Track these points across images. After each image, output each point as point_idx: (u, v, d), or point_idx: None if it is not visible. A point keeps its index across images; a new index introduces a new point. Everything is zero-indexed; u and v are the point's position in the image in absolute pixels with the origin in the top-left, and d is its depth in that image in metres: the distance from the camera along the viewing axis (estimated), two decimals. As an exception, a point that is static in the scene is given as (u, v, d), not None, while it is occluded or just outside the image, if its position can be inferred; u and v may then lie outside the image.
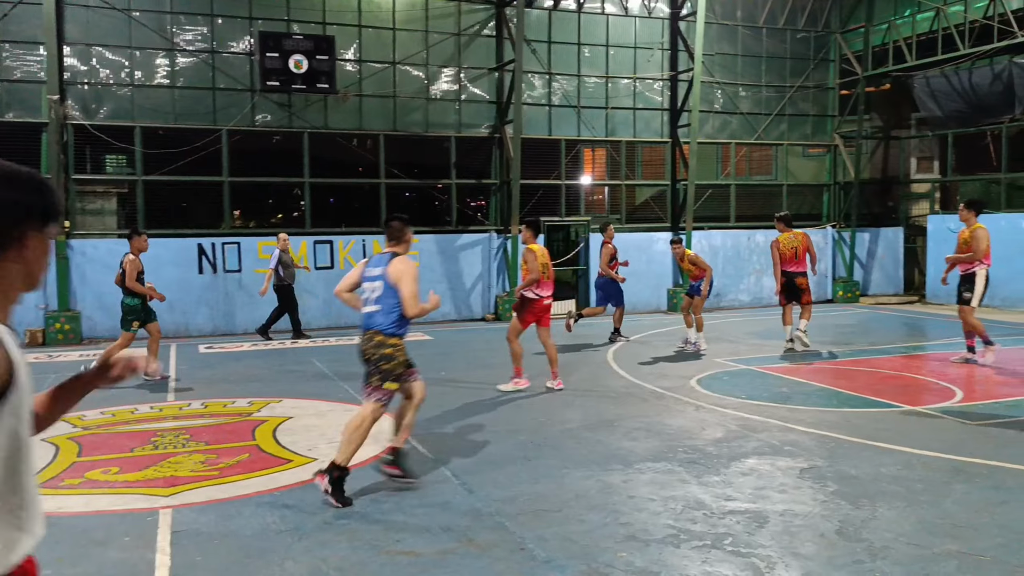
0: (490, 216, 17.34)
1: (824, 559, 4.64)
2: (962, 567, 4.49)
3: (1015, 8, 16.34)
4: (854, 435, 7.23)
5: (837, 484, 5.91)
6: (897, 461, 6.44)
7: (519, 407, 8.66)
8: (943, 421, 7.75)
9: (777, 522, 5.20)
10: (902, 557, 4.63)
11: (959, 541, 4.83)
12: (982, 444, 6.89)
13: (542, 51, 17.24)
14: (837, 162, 20.22)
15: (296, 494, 5.91)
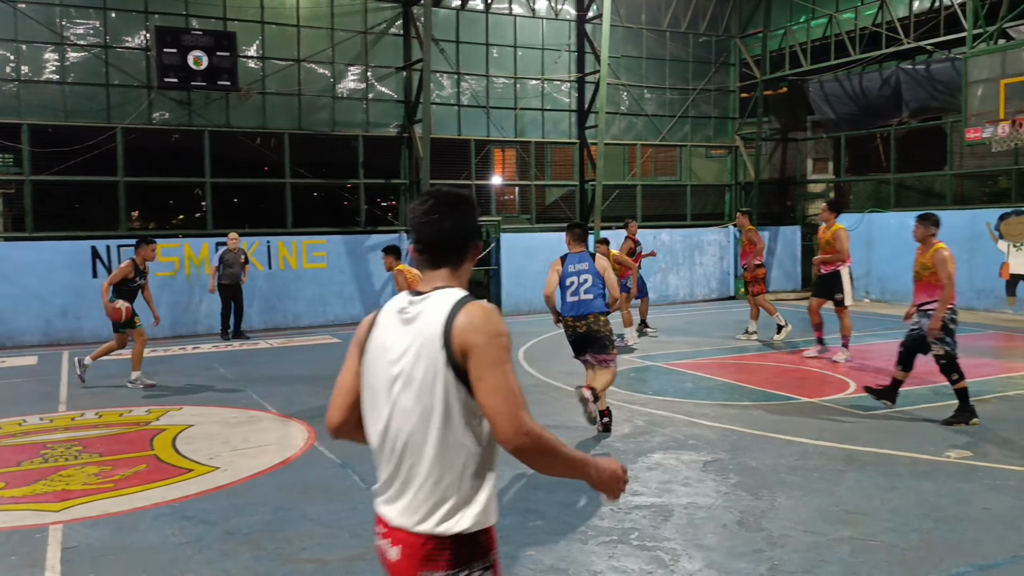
0: (400, 216, 17.19)
1: (725, 549, 4.77)
2: (854, 552, 4.68)
3: (901, 16, 17.18)
4: (754, 428, 7.46)
5: (738, 476, 6.08)
6: (795, 452, 6.68)
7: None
8: (838, 412, 8.07)
9: (681, 515, 5.32)
10: (799, 544, 4.80)
11: (852, 527, 5.04)
12: (874, 434, 7.20)
13: (450, 51, 17.20)
14: (738, 163, 20.85)
15: (197, 504, 5.72)
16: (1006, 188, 16.61)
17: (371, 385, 2.33)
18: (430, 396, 2.17)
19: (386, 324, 2.31)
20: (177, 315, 14.69)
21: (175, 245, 14.79)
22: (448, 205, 2.32)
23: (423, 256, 2.34)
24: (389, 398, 2.26)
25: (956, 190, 17.72)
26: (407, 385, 2.21)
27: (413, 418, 2.20)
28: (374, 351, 2.32)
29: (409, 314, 2.25)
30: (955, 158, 17.31)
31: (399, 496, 2.24)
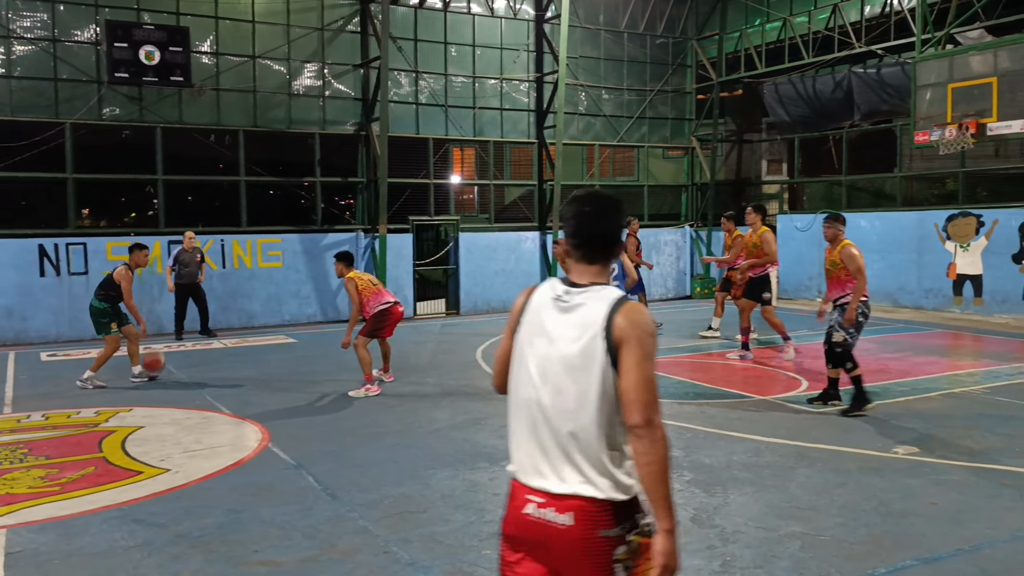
0: (357, 215, 17.06)
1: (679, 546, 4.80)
2: (805, 547, 4.76)
3: (853, 21, 17.51)
4: (708, 425, 7.55)
5: (693, 473, 6.14)
6: (748, 449, 6.77)
7: (386, 409, 8.56)
8: (790, 410, 8.20)
9: (636, 512, 5.35)
10: (751, 540, 4.86)
11: (802, 522, 5.12)
12: (825, 430, 7.33)
13: (408, 49, 17.12)
14: (694, 164, 21.07)
15: (147, 507, 5.61)
16: (953, 190, 17.02)
17: (524, 363, 2.57)
18: (587, 378, 2.43)
19: (541, 309, 2.57)
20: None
21: (126, 243, 14.46)
22: (605, 207, 2.60)
23: (578, 251, 2.59)
24: (546, 377, 2.50)
25: (906, 192, 18.11)
26: (567, 367, 2.47)
27: (571, 397, 2.45)
28: (528, 332, 2.57)
29: (567, 303, 2.52)
30: (905, 160, 17.68)
31: (561, 467, 2.46)
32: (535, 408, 2.52)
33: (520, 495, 2.53)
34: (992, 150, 17.38)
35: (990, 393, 8.81)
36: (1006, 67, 13.07)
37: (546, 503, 2.45)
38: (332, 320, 16.13)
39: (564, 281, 2.58)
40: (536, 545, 2.48)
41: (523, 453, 2.54)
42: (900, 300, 16.84)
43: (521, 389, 2.57)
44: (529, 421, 2.53)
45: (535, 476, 2.50)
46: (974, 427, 7.34)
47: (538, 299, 2.60)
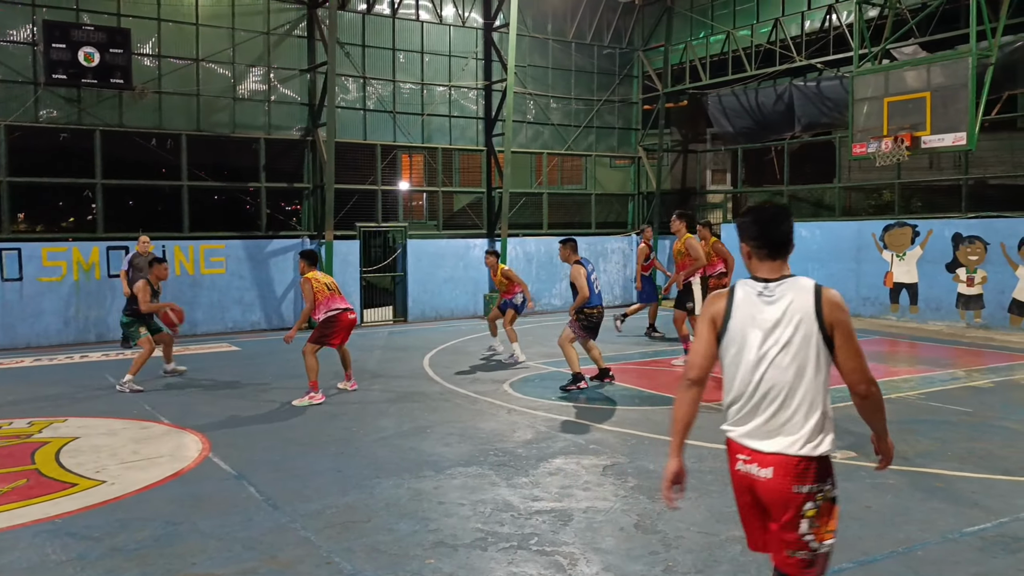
0: (303, 221, 16.87)
1: (623, 552, 4.85)
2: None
3: (794, 35, 17.93)
4: (653, 431, 7.63)
5: (637, 479, 6.20)
6: (691, 455, 6.83)
7: (331, 417, 8.47)
8: (732, 415, 8.32)
9: (581, 519, 5.38)
10: (693, 545, 4.92)
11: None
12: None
13: (356, 54, 17.02)
14: (641, 173, 21.33)
15: (81, 520, 5.46)
16: (890, 201, 17.51)
17: (743, 350, 3.08)
18: (804, 355, 2.96)
19: (749, 303, 3.09)
20: (64, 322, 14.05)
21: (63, 249, 14.14)
22: (785, 214, 3.15)
23: (765, 251, 3.12)
24: (765, 357, 3.02)
25: (844, 202, 18.57)
26: (785, 347, 2.98)
27: (790, 372, 2.97)
28: (740, 326, 3.08)
29: (773, 296, 3.05)
30: (843, 172, 18.13)
31: (773, 430, 2.99)
32: (752, 384, 3.06)
33: (732, 452, 3.16)
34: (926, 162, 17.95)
35: (924, 398, 9.07)
36: (939, 82, 13.49)
37: (751, 459, 3.04)
38: (277, 327, 15.91)
39: (755, 279, 3.13)
40: (745, 491, 3.11)
41: (736, 417, 3.14)
42: (839, 308, 17.23)
43: (738, 370, 3.11)
44: (744, 393, 3.09)
45: (748, 436, 3.08)
46: (909, 432, 7.55)
47: (740, 298, 3.13)
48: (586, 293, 9.41)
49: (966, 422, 7.93)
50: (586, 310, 9.52)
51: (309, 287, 9.22)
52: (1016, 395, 9.21)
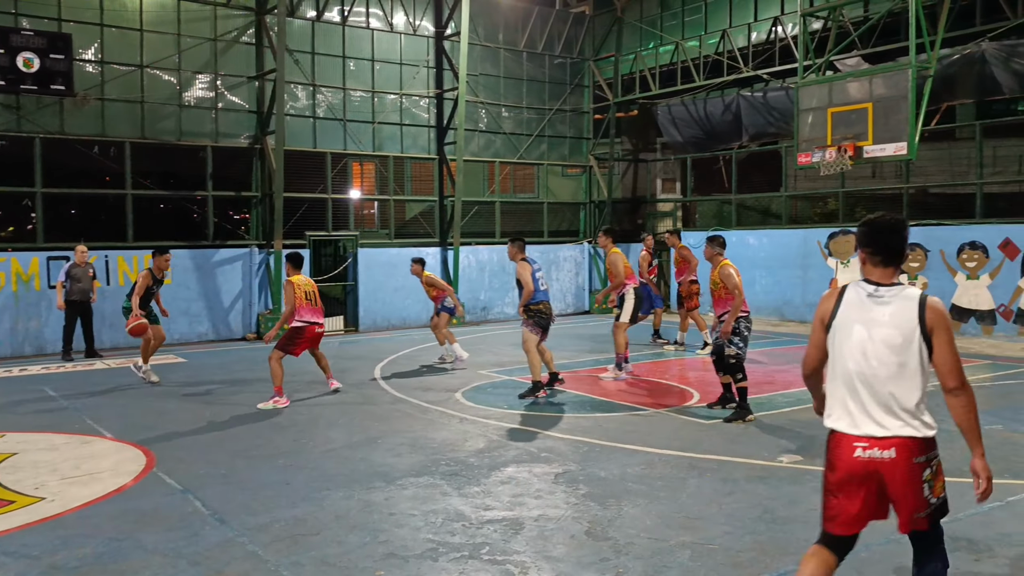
0: (252, 230, 16.64)
1: (574, 560, 4.85)
2: (694, 556, 4.87)
3: (741, 46, 18.26)
4: (604, 439, 7.67)
5: (588, 487, 6.22)
6: (641, 461, 6.90)
7: (280, 429, 8.34)
8: (683, 421, 8.42)
9: (532, 527, 5.38)
10: (643, 551, 4.95)
11: (692, 532, 5.25)
12: (715, 441, 7.55)
13: (305, 62, 16.87)
14: (592, 182, 21.49)
15: (19, 538, 5.28)
16: (835, 209, 17.90)
17: (846, 345, 3.50)
18: (906, 353, 3.40)
19: (859, 303, 3.50)
20: (2, 335, 13.64)
21: (1, 259, 13.73)
22: (901, 226, 3.52)
23: (879, 258, 3.52)
24: (868, 354, 3.44)
25: (791, 211, 18.94)
26: (888, 346, 3.41)
27: (894, 367, 3.41)
28: (847, 322, 3.50)
29: (882, 298, 3.46)
30: (790, 181, 18.50)
31: (882, 418, 3.42)
32: (858, 377, 3.46)
33: (847, 443, 3.46)
34: (869, 171, 18.40)
35: (868, 402, 9.25)
36: (880, 93, 13.85)
37: (870, 445, 3.41)
38: (224, 339, 15.65)
39: (868, 282, 3.54)
40: (866, 477, 3.42)
41: (845, 412, 3.50)
42: (786, 314, 17.56)
43: (846, 363, 3.50)
44: (851, 387, 3.48)
45: (858, 427, 3.45)
46: (853, 435, 7.69)
47: (850, 298, 3.54)
48: (531, 287, 9.50)
49: (908, 425, 8.11)
50: (533, 306, 9.60)
51: (291, 290, 9.43)
52: (955, 398, 9.45)
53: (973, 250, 14.62)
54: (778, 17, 17.61)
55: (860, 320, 3.48)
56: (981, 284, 14.52)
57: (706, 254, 8.78)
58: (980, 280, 14.53)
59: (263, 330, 15.72)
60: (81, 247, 13.30)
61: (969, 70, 15.15)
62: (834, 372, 3.56)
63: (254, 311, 16.10)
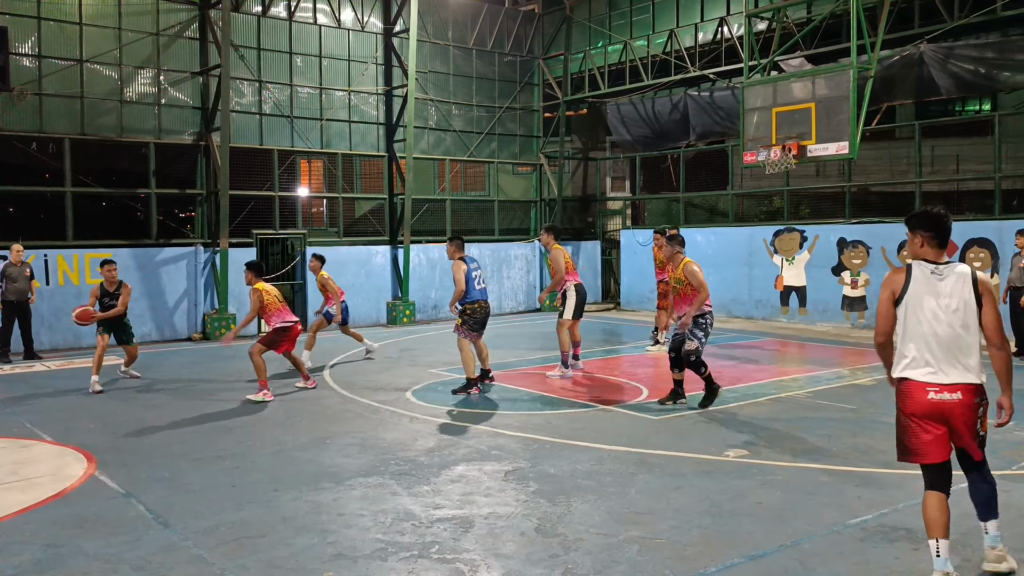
0: (197, 229, 16.33)
1: (523, 557, 4.87)
2: (642, 551, 4.93)
3: (688, 46, 18.49)
4: (554, 435, 7.70)
5: (538, 483, 6.24)
6: (591, 457, 6.95)
7: (226, 431, 8.21)
8: (632, 418, 8.49)
9: (482, 525, 5.38)
10: (592, 547, 4.99)
11: (640, 527, 5.31)
12: (663, 437, 7.64)
13: (251, 57, 16.61)
14: (543, 180, 21.55)
15: (-50, 548, 5.11)
16: (780, 207, 18.24)
17: (918, 312, 4.36)
18: (966, 315, 4.29)
19: (924, 279, 4.36)
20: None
21: (-67, 259, 13.25)
22: (948, 216, 4.43)
23: (936, 241, 4.41)
24: (938, 319, 4.31)
25: (737, 209, 19.24)
26: (951, 311, 4.29)
27: (958, 328, 4.29)
28: (917, 295, 4.36)
29: (942, 275, 4.33)
30: (736, 179, 18.79)
31: (950, 368, 4.30)
32: (931, 337, 4.33)
33: (921, 388, 4.34)
34: (813, 170, 18.79)
35: (812, 397, 9.46)
36: (823, 94, 14.14)
37: (940, 390, 4.30)
38: (169, 339, 15.34)
39: (926, 262, 4.41)
40: (935, 414, 4.31)
41: (919, 363, 4.36)
42: (733, 311, 17.84)
43: (920, 327, 4.36)
44: (924, 345, 4.35)
45: (930, 375, 4.33)
46: (797, 429, 7.86)
47: (917, 275, 4.40)
48: (461, 288, 9.66)
49: (850, 419, 8.31)
50: (468, 306, 9.72)
51: (258, 298, 9.72)
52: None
53: (912, 247, 15.01)
54: (724, 18, 17.86)
55: (928, 292, 4.34)
56: (920, 280, 14.91)
57: (665, 253, 8.99)
58: (919, 276, 14.92)
59: (209, 330, 15.45)
60: (17, 246, 12.90)
61: (908, 72, 15.57)
62: (907, 335, 4.41)
63: (200, 311, 15.80)
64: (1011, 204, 14.93)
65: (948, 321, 4.29)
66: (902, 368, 4.40)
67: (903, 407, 4.40)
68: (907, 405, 4.37)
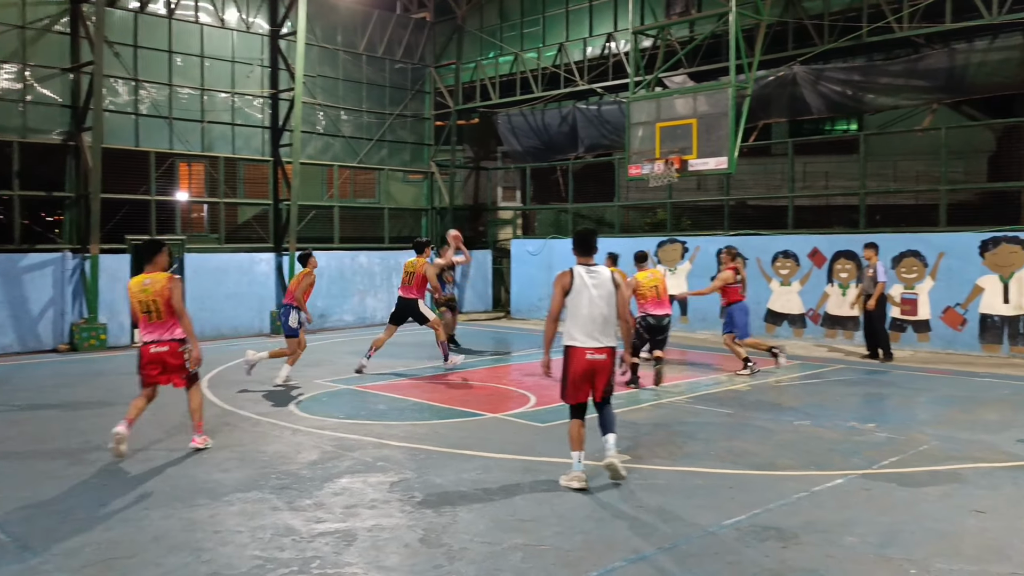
0: (66, 233, 15.44)
1: (407, 568, 4.80)
2: (526, 558, 4.94)
3: (577, 60, 18.84)
4: (441, 445, 7.66)
5: (424, 494, 6.18)
6: (477, 466, 6.94)
7: (94, 448, 7.78)
8: (519, 426, 8.54)
9: (365, 538, 5.28)
10: (476, 556, 4.97)
11: (524, 534, 5.33)
12: (548, 444, 7.70)
13: (127, 55, 15.89)
14: (434, 188, 21.49)
15: None
16: (663, 219, 18.78)
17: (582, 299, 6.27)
18: (609, 301, 6.30)
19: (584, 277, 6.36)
20: None
21: None
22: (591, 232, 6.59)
23: (582, 250, 6.44)
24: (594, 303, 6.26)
25: (623, 220, 19.70)
26: (604, 297, 6.30)
27: (605, 310, 6.27)
28: (579, 288, 6.31)
29: (595, 274, 6.37)
30: (622, 191, 19.24)
31: (600, 337, 6.22)
32: (590, 316, 6.21)
33: (583, 352, 6.23)
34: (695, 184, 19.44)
35: (692, 402, 9.76)
36: (704, 110, 14.68)
37: (595, 352, 6.21)
38: (32, 350, 14.44)
39: (580, 264, 6.36)
40: (589, 370, 6.25)
41: (584, 334, 6.23)
42: (620, 319, 18.23)
43: (582, 309, 6.24)
44: (588, 321, 6.22)
45: (590, 341, 6.22)
46: (677, 434, 8.09)
47: (578, 273, 6.30)
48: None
49: (727, 423, 8.61)
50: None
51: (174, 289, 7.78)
52: (769, 396, 10.14)
53: (786, 258, 15.74)
54: (611, 34, 18.31)
55: (586, 286, 6.29)
56: (792, 290, 15.66)
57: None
58: (792, 286, 15.66)
59: (77, 340, 14.63)
60: None
61: (782, 91, 16.35)
62: (577, 314, 6.28)
63: (67, 320, 14.94)
64: (874, 219, 15.86)
65: (600, 304, 6.20)
66: (569, 339, 6.26)
67: (567, 365, 6.25)
68: (572, 364, 6.23)
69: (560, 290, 6.25)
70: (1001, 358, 13.02)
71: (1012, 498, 6.04)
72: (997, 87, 14.72)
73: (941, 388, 10.63)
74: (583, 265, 6.34)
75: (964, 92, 14.99)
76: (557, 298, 6.29)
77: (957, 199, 15.06)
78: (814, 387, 10.78)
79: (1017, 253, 13.05)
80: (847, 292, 14.88)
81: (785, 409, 9.27)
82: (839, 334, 15.00)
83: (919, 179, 15.91)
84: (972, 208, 14.90)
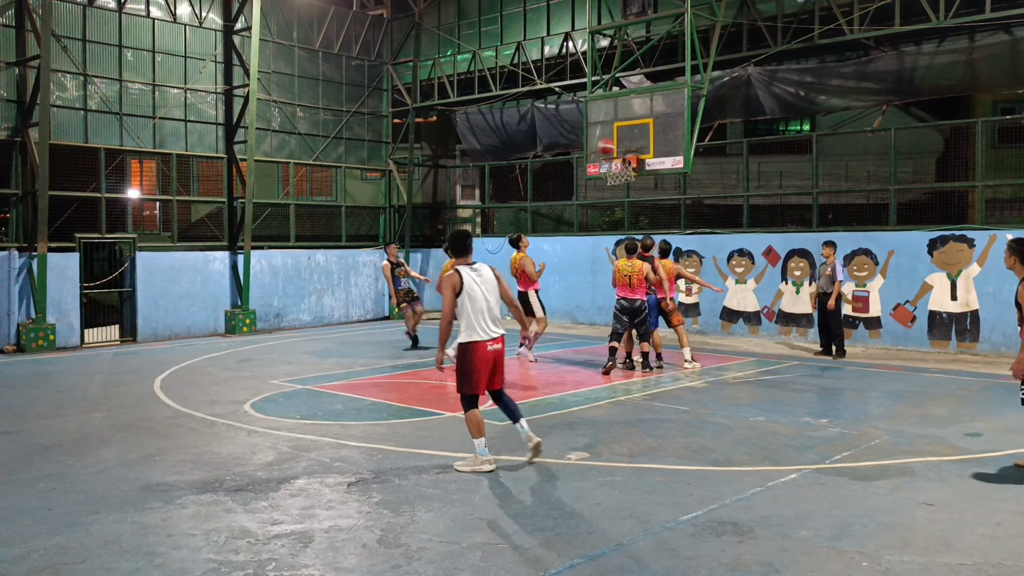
0: (11, 232, 15.03)
1: (365, 569, 4.76)
2: (485, 556, 4.93)
3: (535, 59, 18.86)
4: (400, 445, 7.61)
5: (382, 494, 6.14)
6: (436, 465, 6.91)
7: (42, 450, 7.59)
8: (477, 424, 8.50)
9: (322, 539, 5.22)
10: (435, 555, 4.94)
11: (484, 533, 5.31)
12: (509, 442, 7.69)
13: (76, 49, 15.52)
14: (392, 186, 21.36)
15: None
16: (621, 217, 18.90)
17: (474, 293, 6.65)
18: (496, 294, 6.80)
19: (471, 275, 6.75)
20: None
21: None
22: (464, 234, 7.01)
23: (456, 251, 6.87)
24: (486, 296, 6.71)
25: (581, 218, 19.77)
26: (491, 291, 6.76)
27: (493, 301, 6.75)
28: (470, 284, 6.69)
29: (479, 271, 6.82)
30: (580, 190, 19.32)
31: (494, 328, 6.69)
32: (483, 310, 6.60)
33: (484, 345, 6.61)
34: (652, 183, 19.59)
35: (649, 399, 9.83)
36: (660, 110, 14.78)
37: (494, 342, 6.67)
38: (-21, 351, 14.05)
39: (463, 263, 6.71)
40: (492, 361, 6.70)
41: (482, 329, 6.60)
42: (577, 317, 18.31)
43: (477, 304, 6.58)
44: (483, 315, 6.59)
45: (488, 334, 6.61)
46: (634, 431, 8.14)
47: (465, 273, 6.60)
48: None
49: (684, 420, 8.68)
50: None
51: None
52: (725, 393, 10.26)
53: (741, 256, 15.94)
54: (569, 33, 18.35)
55: (476, 283, 6.65)
56: (748, 288, 15.86)
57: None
58: (747, 284, 15.87)
59: (24, 341, 14.26)
60: None
61: (737, 92, 16.55)
62: (471, 308, 6.59)
63: (14, 320, 14.55)
64: (827, 218, 16.14)
65: (489, 297, 6.62)
66: (468, 335, 6.58)
67: (472, 359, 6.59)
68: (475, 357, 6.58)
69: (451, 291, 6.52)
70: (949, 354, 13.34)
71: (960, 490, 6.18)
72: (944, 89, 15.07)
73: (892, 384, 10.85)
74: (464, 265, 6.68)
75: (913, 94, 15.32)
76: (449, 299, 6.54)
77: (906, 199, 15.39)
78: (769, 383, 10.93)
79: (964, 251, 13.38)
80: (800, 290, 15.12)
81: (741, 405, 9.38)
82: (793, 331, 15.24)
83: (870, 179, 16.24)
84: (921, 207, 15.23)
